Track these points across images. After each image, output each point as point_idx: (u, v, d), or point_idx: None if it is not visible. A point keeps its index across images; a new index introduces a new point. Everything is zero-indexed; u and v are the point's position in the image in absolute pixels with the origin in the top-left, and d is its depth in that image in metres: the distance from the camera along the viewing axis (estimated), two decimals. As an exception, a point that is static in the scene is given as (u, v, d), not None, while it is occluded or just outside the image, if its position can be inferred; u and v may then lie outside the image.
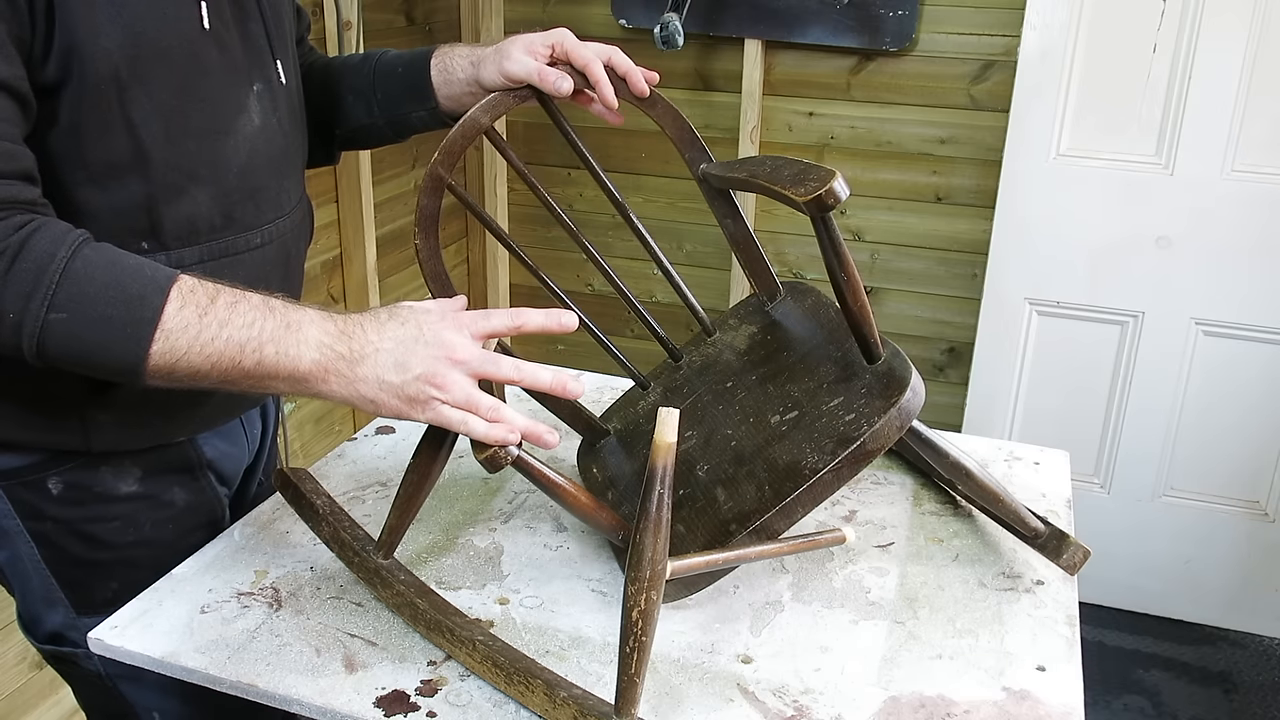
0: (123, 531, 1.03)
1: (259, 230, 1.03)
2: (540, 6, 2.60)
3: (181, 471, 1.07)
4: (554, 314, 0.88)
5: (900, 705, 0.86)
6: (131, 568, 1.04)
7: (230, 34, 0.97)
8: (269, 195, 1.04)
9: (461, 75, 1.11)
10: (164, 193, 0.93)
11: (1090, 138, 2.25)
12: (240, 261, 1.01)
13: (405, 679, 0.88)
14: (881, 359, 0.94)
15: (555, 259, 2.77)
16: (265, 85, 1.02)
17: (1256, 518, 2.38)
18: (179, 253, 0.95)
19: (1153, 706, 2.21)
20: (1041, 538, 1.05)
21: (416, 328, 0.85)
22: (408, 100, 1.15)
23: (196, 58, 0.93)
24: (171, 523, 1.06)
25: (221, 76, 0.96)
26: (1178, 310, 2.29)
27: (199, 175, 0.95)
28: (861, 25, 2.35)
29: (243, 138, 0.99)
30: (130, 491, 1.02)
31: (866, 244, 2.56)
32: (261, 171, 1.02)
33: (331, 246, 2.22)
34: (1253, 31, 2.08)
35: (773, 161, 0.97)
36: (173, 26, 0.90)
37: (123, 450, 1.01)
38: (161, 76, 0.90)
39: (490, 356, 0.85)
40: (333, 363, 0.83)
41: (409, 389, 0.83)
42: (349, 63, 1.20)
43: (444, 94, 1.13)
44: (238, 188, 0.99)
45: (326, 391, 0.85)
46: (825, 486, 0.89)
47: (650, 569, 0.77)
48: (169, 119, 0.91)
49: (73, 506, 1.00)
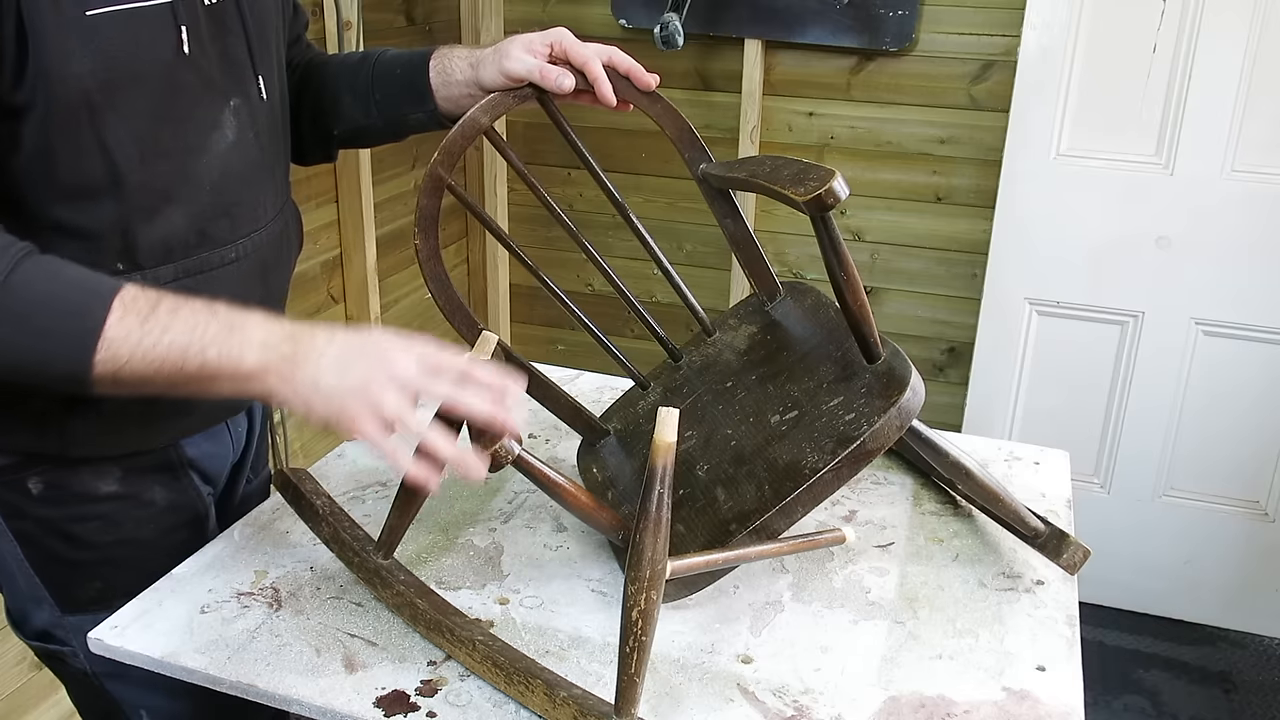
0: (103, 531, 1.03)
1: (234, 245, 1.02)
2: (540, 6, 2.60)
3: (162, 471, 1.06)
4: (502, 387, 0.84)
5: (900, 705, 0.86)
6: (114, 567, 1.04)
7: (208, 54, 0.96)
8: (244, 210, 1.03)
9: (460, 77, 1.11)
10: (138, 213, 0.93)
11: (1090, 137, 2.25)
12: (215, 277, 1.00)
13: (405, 679, 0.88)
14: (881, 358, 0.94)
15: (555, 259, 2.77)
16: (243, 100, 1.01)
17: (1256, 518, 2.38)
18: (154, 271, 0.95)
19: (1153, 706, 2.21)
20: (1041, 537, 1.05)
21: (367, 339, 0.84)
22: (405, 101, 1.14)
23: (172, 81, 0.92)
24: (152, 522, 1.06)
25: (196, 96, 0.95)
26: (1178, 310, 2.29)
27: (173, 194, 0.95)
28: (861, 25, 2.35)
29: (215, 155, 0.98)
30: (110, 491, 1.02)
31: (866, 244, 2.56)
32: (236, 187, 1.01)
33: (331, 246, 2.22)
34: (1253, 31, 2.08)
35: (772, 161, 0.97)
36: (149, 52, 0.89)
37: (100, 455, 1.01)
38: (136, 100, 0.89)
39: (428, 380, 0.83)
40: (274, 363, 0.82)
41: (341, 398, 0.82)
42: (348, 62, 1.20)
43: (442, 95, 1.12)
44: (211, 204, 0.99)
45: (268, 391, 0.83)
46: (825, 486, 0.89)
47: (650, 569, 0.77)
48: (142, 141, 0.91)
49: (53, 506, 1.00)
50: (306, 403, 0.83)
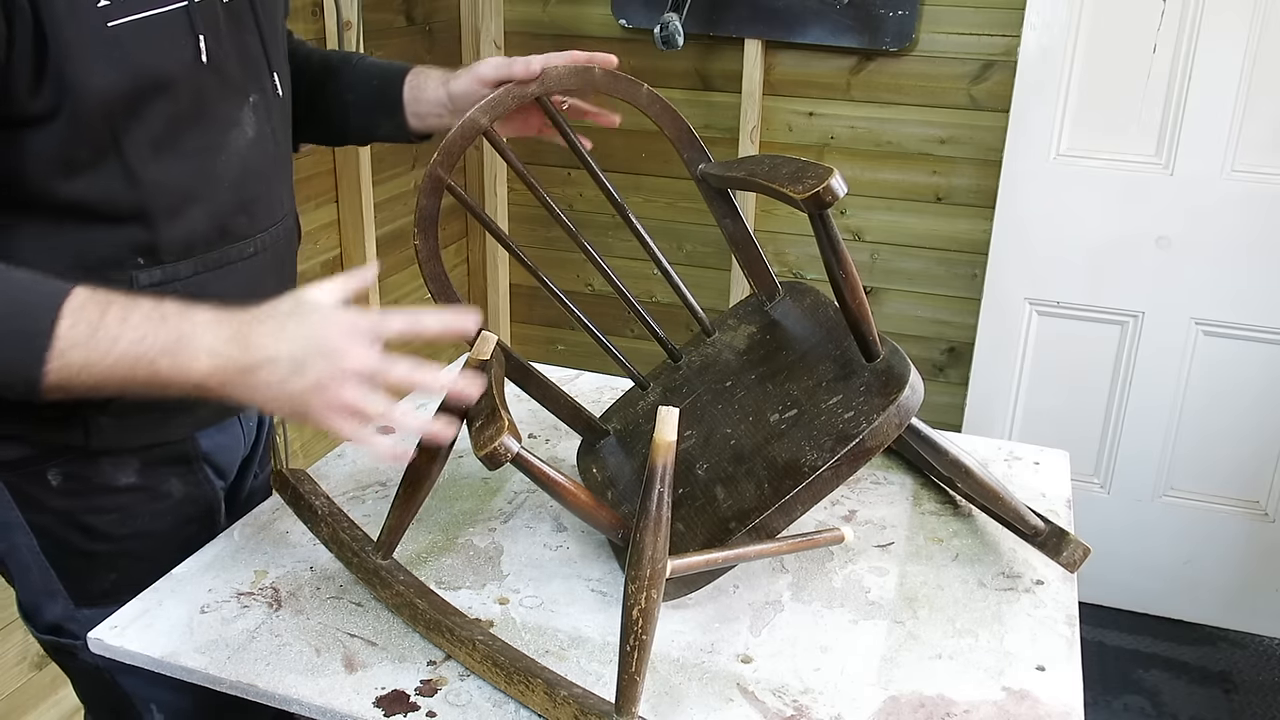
0: (120, 523, 1.04)
1: (252, 240, 1.03)
2: (540, 6, 2.60)
3: (178, 463, 1.07)
4: (453, 318, 0.86)
5: (900, 705, 0.86)
6: (128, 559, 1.05)
7: (227, 54, 0.96)
8: (262, 205, 1.04)
9: (432, 95, 1.13)
10: (159, 213, 0.93)
11: (1090, 138, 2.25)
12: (234, 270, 1.01)
13: (405, 679, 0.88)
14: (880, 357, 0.94)
15: (555, 259, 2.77)
16: (261, 96, 1.02)
17: (1256, 518, 2.38)
18: (174, 266, 0.96)
19: (1153, 706, 2.21)
20: (1041, 535, 1.05)
21: (314, 331, 0.82)
22: (377, 111, 1.16)
23: (193, 86, 0.92)
24: (168, 514, 1.07)
25: (217, 96, 0.96)
26: (1178, 310, 2.29)
27: (193, 193, 0.95)
28: (861, 25, 2.35)
29: (235, 151, 0.99)
30: (129, 483, 1.03)
31: (866, 244, 2.56)
32: (254, 182, 1.02)
33: (331, 246, 2.22)
34: (1253, 31, 2.08)
35: (771, 160, 0.97)
36: (171, 59, 0.89)
37: (121, 447, 1.02)
38: (157, 108, 0.90)
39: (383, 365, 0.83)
40: (227, 371, 0.81)
41: (301, 399, 0.82)
42: (328, 62, 1.21)
43: (412, 111, 1.15)
44: (231, 200, 0.99)
45: (225, 395, 0.83)
46: (824, 484, 0.89)
47: (650, 567, 0.77)
48: (162, 144, 0.91)
49: (72, 498, 1.01)
50: (266, 406, 0.84)
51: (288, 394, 0.82)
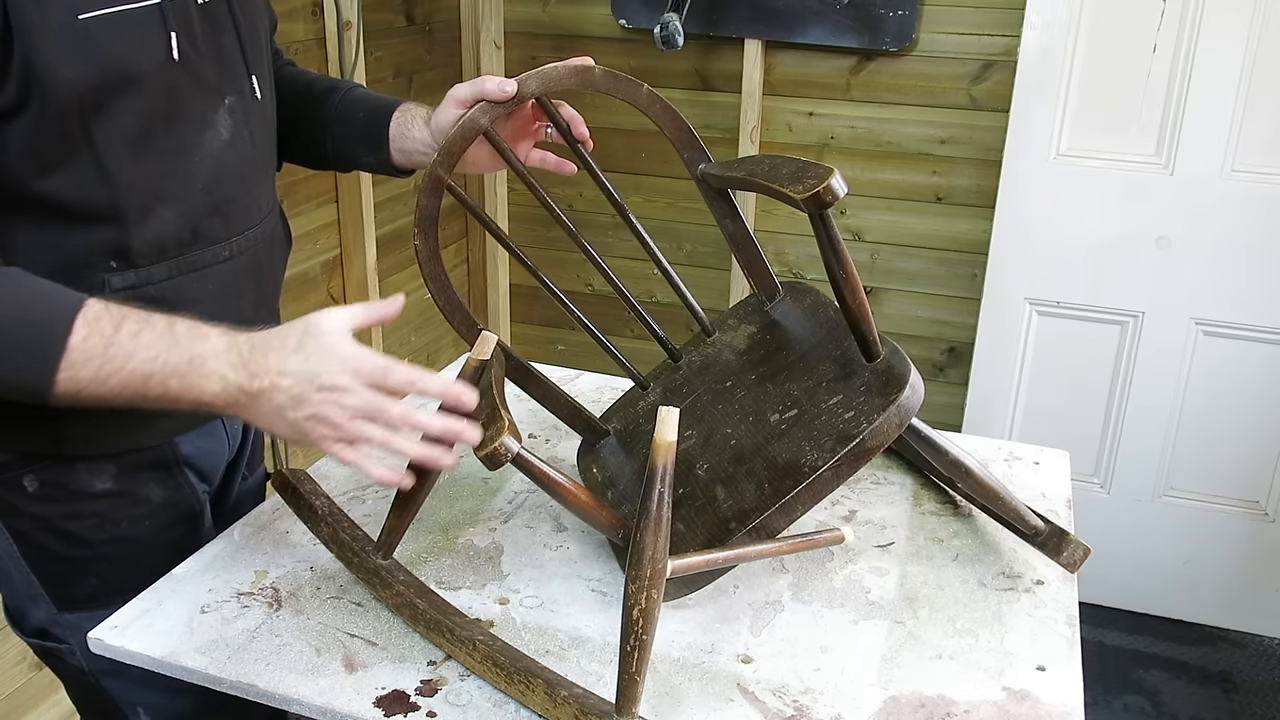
0: (99, 528, 1.03)
1: (227, 243, 1.02)
2: (540, 6, 2.60)
3: (157, 468, 1.06)
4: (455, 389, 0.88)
5: (900, 705, 0.86)
6: (109, 564, 1.04)
7: (202, 54, 0.96)
8: (237, 208, 1.03)
9: (417, 134, 1.13)
10: (131, 214, 0.93)
11: (1090, 138, 2.25)
12: (208, 275, 1.01)
13: (405, 679, 0.88)
14: (880, 357, 0.94)
15: (555, 259, 2.77)
16: (238, 99, 1.01)
17: (1256, 518, 2.38)
18: (147, 270, 0.95)
19: (1153, 706, 2.21)
20: (1042, 535, 1.05)
21: (316, 366, 0.85)
22: (361, 144, 1.17)
23: (165, 84, 0.92)
24: (148, 519, 1.06)
25: (190, 96, 0.95)
26: (1178, 310, 2.29)
27: (166, 194, 0.95)
28: (861, 25, 2.35)
29: (209, 153, 0.98)
30: (105, 489, 1.03)
31: (866, 244, 2.56)
32: (229, 185, 1.01)
33: (331, 246, 2.22)
34: (1253, 31, 2.08)
35: (771, 160, 0.97)
36: (142, 54, 0.89)
37: (95, 453, 1.01)
38: (128, 103, 0.89)
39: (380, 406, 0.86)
40: (234, 395, 0.85)
41: (301, 426, 0.86)
42: (315, 89, 1.20)
43: (397, 147, 1.15)
44: (205, 203, 0.99)
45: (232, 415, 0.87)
46: (825, 484, 0.89)
47: (651, 567, 0.77)
48: (134, 142, 0.91)
49: (49, 504, 1.01)
50: (271, 430, 0.88)
51: (287, 421, 0.86)
